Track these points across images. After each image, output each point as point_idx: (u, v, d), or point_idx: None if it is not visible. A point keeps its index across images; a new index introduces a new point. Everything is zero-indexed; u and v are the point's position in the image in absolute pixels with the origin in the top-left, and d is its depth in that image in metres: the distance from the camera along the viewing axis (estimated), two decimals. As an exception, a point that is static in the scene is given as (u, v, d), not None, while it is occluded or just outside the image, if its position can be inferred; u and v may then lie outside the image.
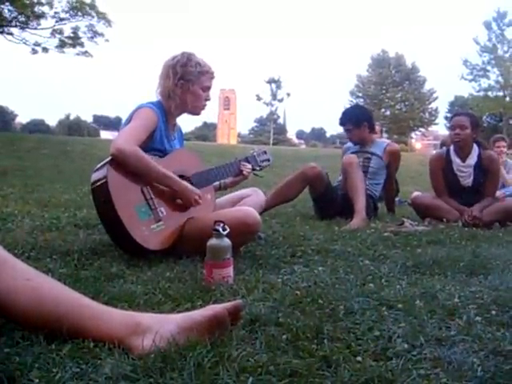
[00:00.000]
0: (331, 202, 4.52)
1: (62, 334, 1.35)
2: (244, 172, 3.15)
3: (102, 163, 2.60)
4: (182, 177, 2.74)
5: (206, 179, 2.89)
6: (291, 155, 19.88)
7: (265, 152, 3.41)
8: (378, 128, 6.89)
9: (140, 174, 2.58)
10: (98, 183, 2.53)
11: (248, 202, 2.99)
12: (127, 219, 2.47)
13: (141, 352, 1.29)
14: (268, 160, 3.39)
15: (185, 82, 2.86)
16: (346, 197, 4.35)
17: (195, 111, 3.01)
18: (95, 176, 2.58)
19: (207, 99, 2.99)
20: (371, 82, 52.54)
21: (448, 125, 5.09)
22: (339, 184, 4.70)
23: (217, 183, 3.12)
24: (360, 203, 4.16)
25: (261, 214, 2.97)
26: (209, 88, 2.97)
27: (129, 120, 2.76)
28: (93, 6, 22.93)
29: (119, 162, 2.53)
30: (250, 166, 3.19)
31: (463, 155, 4.49)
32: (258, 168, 3.30)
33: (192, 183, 2.77)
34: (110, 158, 2.56)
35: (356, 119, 4.82)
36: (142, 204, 2.55)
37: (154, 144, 2.76)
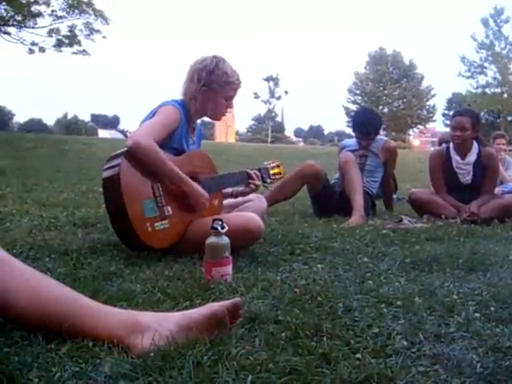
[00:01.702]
0: (329, 200, 4.52)
1: (61, 333, 1.35)
2: (251, 184, 3.09)
3: (116, 153, 2.58)
4: (192, 178, 2.71)
5: (215, 185, 2.87)
6: (289, 153, 19.88)
7: (278, 165, 3.41)
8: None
9: (153, 170, 2.56)
10: (110, 173, 2.51)
11: (250, 208, 2.98)
12: (133, 213, 2.45)
13: (140, 351, 1.29)
14: (280, 173, 3.39)
15: (208, 89, 2.83)
16: (344, 194, 4.35)
17: (214, 118, 3.01)
18: (108, 165, 2.55)
19: (229, 107, 2.96)
20: (369, 80, 52.49)
21: (446, 122, 5.09)
22: (337, 182, 4.70)
23: (229, 190, 3.11)
24: (358, 201, 4.17)
25: (263, 218, 2.96)
26: (232, 97, 2.93)
27: (151, 115, 2.74)
28: (89, 4, 22.90)
29: (134, 155, 2.51)
30: (259, 174, 3.14)
31: (463, 153, 4.50)
32: (268, 180, 3.29)
33: (201, 187, 2.73)
34: (125, 149, 2.53)
35: (378, 128, 4.85)
36: (150, 200, 2.53)
37: (172, 143, 2.74)
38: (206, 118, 3.09)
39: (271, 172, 3.32)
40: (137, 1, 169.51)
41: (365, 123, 4.75)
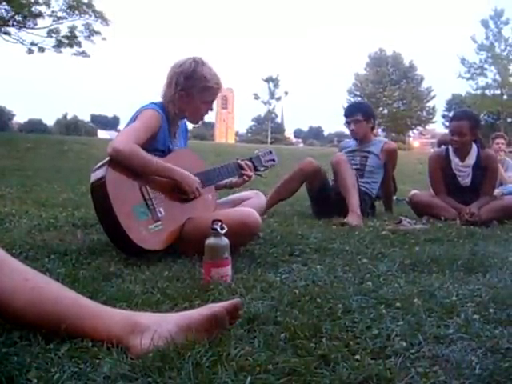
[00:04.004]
0: (327, 201, 4.52)
1: (61, 333, 1.35)
2: (244, 176, 3.10)
3: (101, 163, 2.59)
4: None
5: (207, 179, 2.86)
6: (289, 154, 19.83)
7: (270, 152, 3.39)
8: (374, 131, 6.90)
9: (139, 171, 2.57)
10: (97, 183, 2.53)
11: (249, 205, 2.97)
12: (124, 220, 2.46)
13: (139, 351, 1.29)
14: (273, 160, 3.37)
15: (186, 93, 2.81)
16: (340, 195, 4.34)
17: (192, 121, 3.02)
18: (94, 176, 2.57)
19: (208, 110, 2.96)
20: (369, 81, 52.51)
21: (446, 123, 5.11)
22: (334, 183, 4.70)
23: (222, 182, 3.10)
24: (353, 200, 4.16)
25: (262, 215, 2.96)
26: (211, 102, 2.93)
27: (132, 120, 2.75)
28: (90, 5, 22.90)
29: (117, 162, 2.53)
30: (250, 164, 3.15)
31: (462, 155, 4.50)
32: (261, 169, 3.27)
33: None
34: (108, 158, 2.55)
35: (366, 111, 4.85)
36: (140, 204, 2.54)
37: (157, 145, 2.74)
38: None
39: (263, 159, 3.31)
40: (137, 2, 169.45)
41: (353, 103, 4.86)
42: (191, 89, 2.81)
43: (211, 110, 2.98)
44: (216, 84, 2.88)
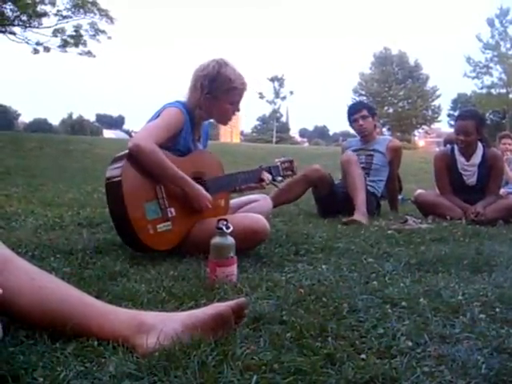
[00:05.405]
0: (333, 201, 4.52)
1: (67, 332, 1.35)
2: (263, 183, 3.09)
3: (119, 155, 2.58)
4: (196, 179, 2.69)
5: (221, 185, 2.85)
6: (294, 154, 19.85)
7: (291, 161, 3.38)
8: (378, 130, 6.93)
9: (154, 172, 2.54)
10: (113, 175, 2.51)
11: (255, 208, 2.97)
12: (134, 215, 2.45)
13: (145, 351, 1.29)
14: (292, 171, 3.36)
15: (212, 96, 2.80)
16: (347, 195, 4.35)
17: (221, 122, 3.02)
18: (111, 170, 2.55)
19: (235, 111, 2.94)
20: (374, 80, 52.38)
21: (451, 122, 5.10)
22: (340, 182, 4.70)
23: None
24: (360, 199, 4.18)
25: (268, 218, 2.95)
26: (238, 102, 2.91)
27: (155, 117, 2.73)
28: (95, 3, 22.90)
29: (135, 158, 2.51)
30: (269, 177, 3.14)
31: (468, 154, 4.49)
32: (278, 179, 3.27)
33: (206, 187, 2.72)
34: (127, 151, 2.53)
35: (371, 108, 4.98)
36: (152, 202, 2.52)
37: (178, 145, 2.72)
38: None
39: (282, 169, 3.29)
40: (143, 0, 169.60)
41: (358, 101, 4.95)
42: (217, 91, 2.79)
43: (238, 110, 2.96)
44: (241, 84, 2.87)
